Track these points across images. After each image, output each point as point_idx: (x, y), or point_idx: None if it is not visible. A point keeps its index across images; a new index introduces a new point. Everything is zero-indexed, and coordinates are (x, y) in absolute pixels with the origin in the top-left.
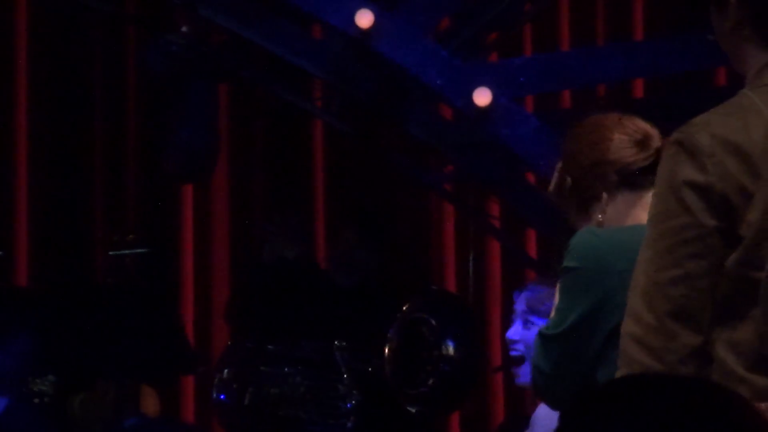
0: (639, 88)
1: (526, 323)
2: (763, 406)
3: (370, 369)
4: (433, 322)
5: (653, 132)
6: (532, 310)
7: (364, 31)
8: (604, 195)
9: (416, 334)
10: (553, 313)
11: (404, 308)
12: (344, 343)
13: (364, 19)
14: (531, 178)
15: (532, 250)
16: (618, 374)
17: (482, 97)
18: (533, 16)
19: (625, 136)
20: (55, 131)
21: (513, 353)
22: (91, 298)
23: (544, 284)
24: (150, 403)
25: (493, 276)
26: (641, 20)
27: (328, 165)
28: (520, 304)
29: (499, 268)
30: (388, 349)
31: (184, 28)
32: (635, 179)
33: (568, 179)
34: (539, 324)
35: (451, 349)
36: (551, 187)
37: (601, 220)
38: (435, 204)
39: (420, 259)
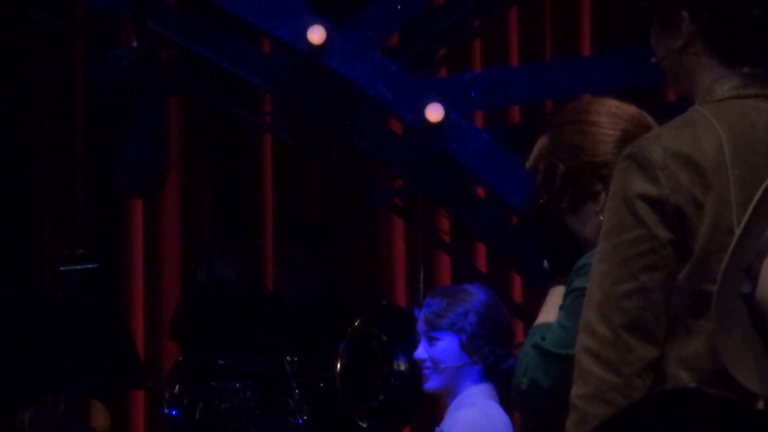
0: None
1: (430, 340)
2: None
3: (320, 384)
4: (384, 337)
5: None
6: (432, 327)
7: (315, 47)
8: (603, 195)
9: (367, 349)
10: (555, 327)
11: (355, 323)
12: (295, 358)
13: (316, 35)
14: (480, 192)
15: (482, 264)
16: (574, 389)
17: (434, 112)
18: (482, 31)
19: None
20: (2, 145)
21: (425, 371)
22: (41, 313)
23: (439, 297)
24: (99, 418)
25: None
26: (589, 35)
27: (278, 180)
28: (420, 325)
29: (449, 282)
30: (339, 364)
31: (134, 43)
32: None
33: (561, 167)
34: (443, 337)
35: (401, 364)
36: (531, 163)
37: (602, 220)
38: (384, 219)
39: (370, 274)
